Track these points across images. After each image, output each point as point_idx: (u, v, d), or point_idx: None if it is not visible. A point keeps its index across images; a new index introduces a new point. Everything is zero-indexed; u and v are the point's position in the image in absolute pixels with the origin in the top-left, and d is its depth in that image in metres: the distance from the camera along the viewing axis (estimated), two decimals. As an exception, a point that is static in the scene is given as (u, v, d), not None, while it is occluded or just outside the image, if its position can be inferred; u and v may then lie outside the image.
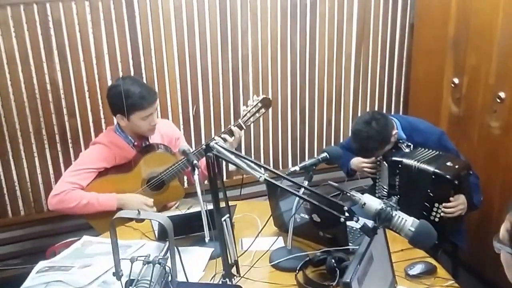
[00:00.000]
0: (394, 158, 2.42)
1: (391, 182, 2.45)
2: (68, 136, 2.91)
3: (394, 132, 2.46)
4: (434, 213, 2.35)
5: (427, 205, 2.35)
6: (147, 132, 2.56)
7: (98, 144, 2.56)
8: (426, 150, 2.45)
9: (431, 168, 2.32)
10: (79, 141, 2.93)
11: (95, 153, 2.54)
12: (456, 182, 2.28)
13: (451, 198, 2.31)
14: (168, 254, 1.64)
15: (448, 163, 2.34)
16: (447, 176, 2.28)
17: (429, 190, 2.34)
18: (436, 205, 2.34)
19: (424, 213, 2.34)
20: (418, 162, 2.37)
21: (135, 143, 2.60)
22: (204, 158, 1.66)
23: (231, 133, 2.52)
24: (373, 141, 2.38)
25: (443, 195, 2.32)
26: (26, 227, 3.01)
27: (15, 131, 2.80)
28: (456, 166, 2.33)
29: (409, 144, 2.51)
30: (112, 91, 2.49)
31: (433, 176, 2.31)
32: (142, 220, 2.08)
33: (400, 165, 2.40)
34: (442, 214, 2.33)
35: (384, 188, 2.50)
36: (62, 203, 2.45)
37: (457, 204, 2.32)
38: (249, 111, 2.51)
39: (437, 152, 2.44)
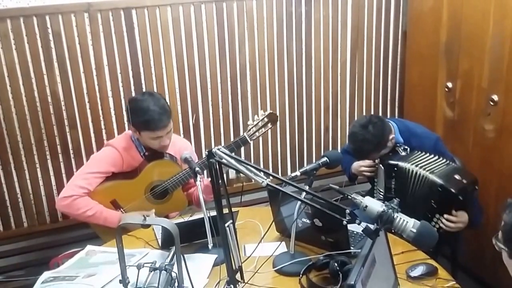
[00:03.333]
0: (390, 162, 2.45)
1: (387, 185, 2.47)
2: (70, 147, 2.92)
3: (391, 136, 2.49)
4: (433, 224, 2.33)
5: (428, 215, 2.33)
6: (157, 149, 2.58)
7: (111, 148, 2.59)
8: (423, 153, 2.47)
9: (439, 181, 2.29)
10: (81, 152, 2.95)
11: (106, 157, 2.57)
12: (461, 198, 2.27)
13: (453, 212, 2.30)
14: (174, 260, 1.66)
15: (457, 176, 2.33)
16: (453, 191, 2.26)
17: (433, 201, 2.32)
18: (437, 216, 2.33)
19: None
20: (424, 170, 2.35)
21: (146, 153, 2.62)
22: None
23: (237, 146, 2.54)
24: (368, 144, 2.42)
25: (446, 208, 2.31)
26: (29, 238, 3.01)
27: (17, 143, 2.81)
28: (464, 181, 2.32)
29: (406, 147, 2.54)
30: (131, 104, 2.52)
31: (440, 189, 2.29)
32: (148, 226, 2.10)
33: (395, 168, 2.41)
34: (441, 225, 2.31)
35: (381, 192, 2.52)
36: (69, 208, 2.49)
37: (458, 221, 2.30)
38: (255, 125, 2.52)
39: (443, 160, 2.43)
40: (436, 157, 2.46)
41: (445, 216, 2.31)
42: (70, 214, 2.57)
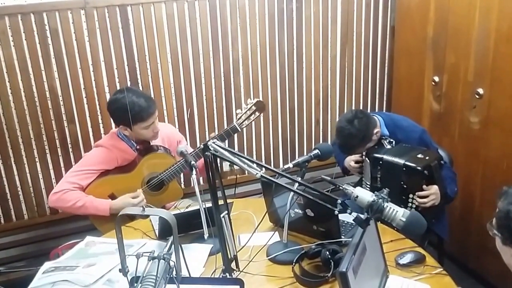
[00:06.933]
0: (375, 155, 2.49)
1: (373, 178, 2.51)
2: (68, 141, 2.96)
3: (376, 130, 2.54)
4: (409, 204, 2.41)
5: (403, 197, 2.40)
6: (150, 138, 2.64)
7: (100, 147, 2.63)
8: (407, 146, 2.52)
9: (401, 161, 2.38)
10: (79, 146, 2.99)
11: (97, 156, 2.61)
12: (426, 172, 2.34)
13: (424, 186, 2.37)
14: (172, 250, 1.71)
15: (419, 155, 2.41)
16: (417, 167, 2.34)
17: (402, 182, 2.40)
18: (411, 196, 2.40)
19: (402, 205, 2.42)
20: (390, 156, 2.43)
21: (137, 147, 2.67)
22: (202, 158, 1.72)
23: (228, 135, 2.59)
24: (354, 139, 2.46)
25: (415, 185, 2.38)
26: (30, 230, 3.05)
27: (16, 137, 2.84)
28: (427, 158, 2.40)
29: (391, 140, 2.59)
30: (113, 105, 2.53)
31: (404, 168, 2.37)
32: (147, 216, 2.14)
33: (381, 162, 2.46)
34: (416, 203, 2.38)
35: (367, 184, 2.56)
36: (59, 202, 2.53)
37: (429, 194, 2.36)
38: (244, 113, 2.57)
39: (411, 146, 2.52)
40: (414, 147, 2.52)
41: (417, 193, 2.38)
42: (61, 208, 2.61)
